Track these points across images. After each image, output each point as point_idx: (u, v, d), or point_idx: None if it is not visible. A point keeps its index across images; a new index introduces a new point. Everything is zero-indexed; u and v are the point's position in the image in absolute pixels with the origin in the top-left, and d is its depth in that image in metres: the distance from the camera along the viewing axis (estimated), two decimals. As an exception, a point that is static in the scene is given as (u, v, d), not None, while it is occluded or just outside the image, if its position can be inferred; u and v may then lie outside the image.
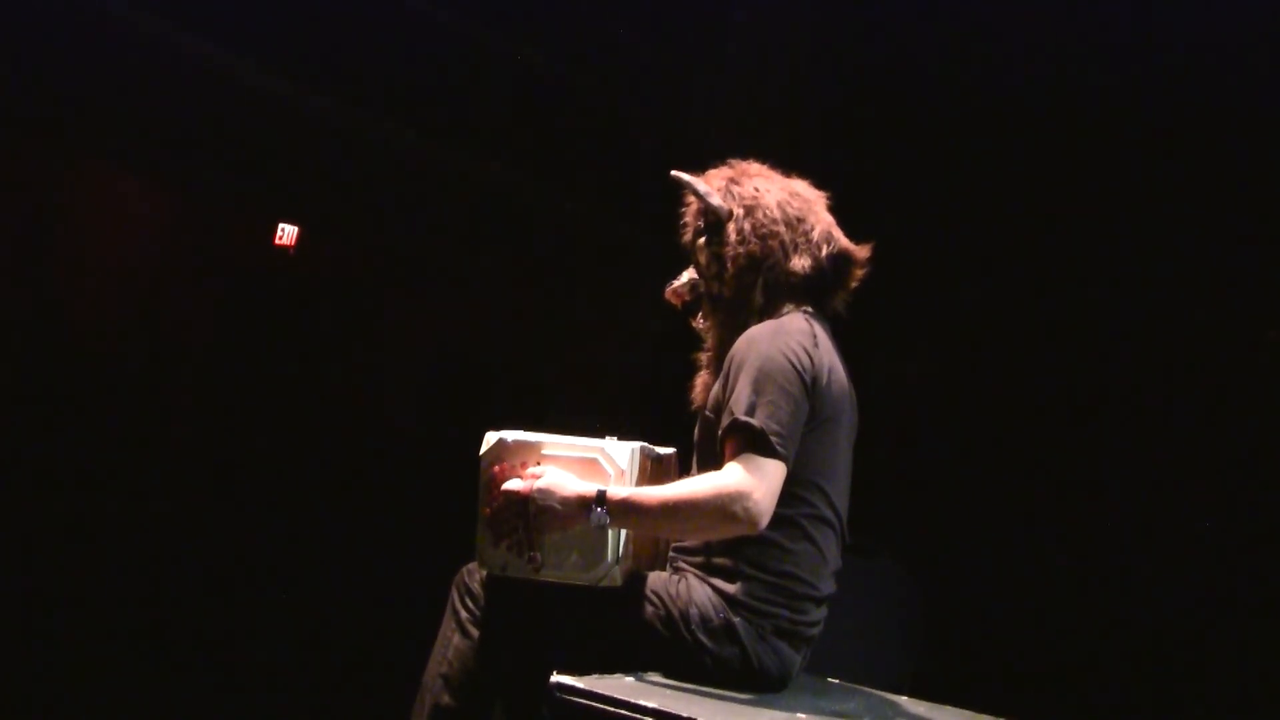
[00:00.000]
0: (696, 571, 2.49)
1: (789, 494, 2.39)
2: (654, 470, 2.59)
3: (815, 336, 2.49)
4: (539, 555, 2.44)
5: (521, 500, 2.42)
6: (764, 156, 2.74)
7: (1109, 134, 4.33)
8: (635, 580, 2.49)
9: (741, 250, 2.57)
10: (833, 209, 2.66)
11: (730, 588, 2.44)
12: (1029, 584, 4.35)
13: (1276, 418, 4.12)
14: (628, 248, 5.14)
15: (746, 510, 2.30)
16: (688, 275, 2.72)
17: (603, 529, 2.40)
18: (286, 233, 4.99)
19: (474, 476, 2.54)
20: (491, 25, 4.81)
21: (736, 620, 2.42)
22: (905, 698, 2.66)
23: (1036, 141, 4.43)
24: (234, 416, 4.91)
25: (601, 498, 2.37)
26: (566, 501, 2.40)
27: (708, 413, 2.53)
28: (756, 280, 2.57)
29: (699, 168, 2.70)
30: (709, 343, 2.67)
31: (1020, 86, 4.44)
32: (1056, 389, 4.50)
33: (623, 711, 2.12)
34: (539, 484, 2.42)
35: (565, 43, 4.91)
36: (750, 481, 2.31)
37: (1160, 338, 4.30)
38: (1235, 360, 4.24)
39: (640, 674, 2.35)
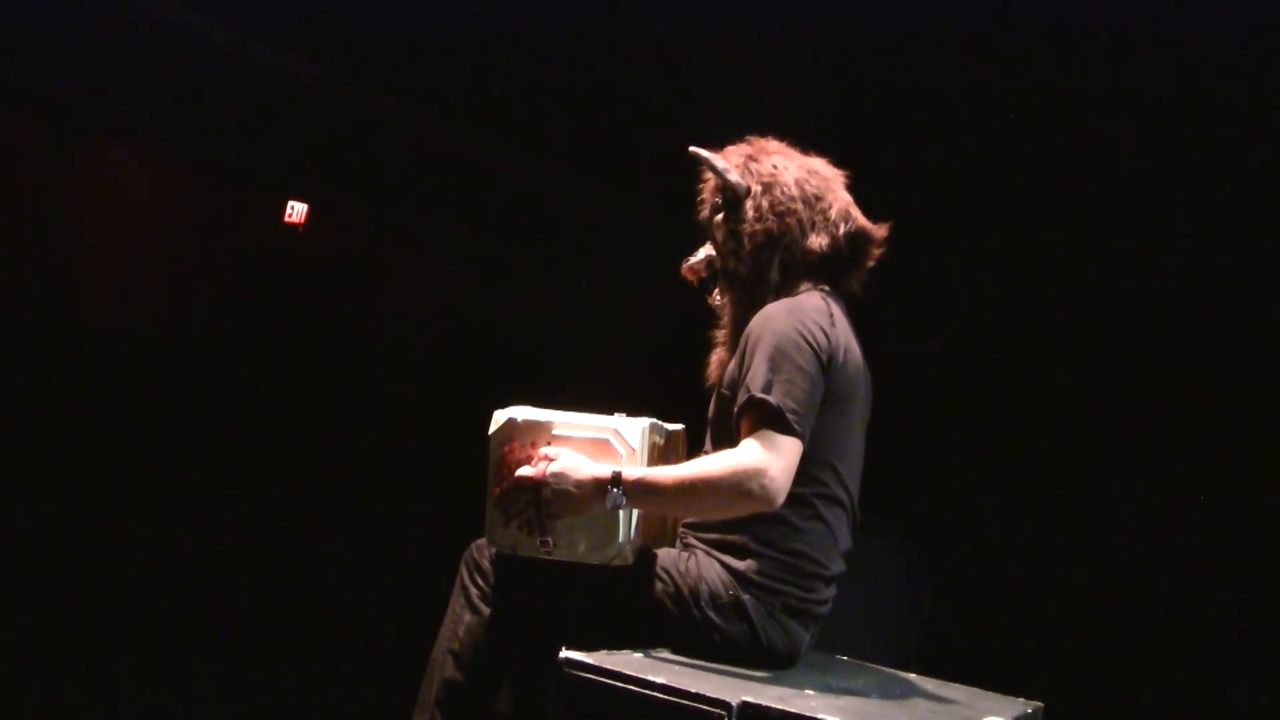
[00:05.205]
0: (706, 549, 2.49)
1: (802, 472, 2.38)
2: (663, 447, 2.58)
3: (832, 315, 2.49)
4: (551, 539, 2.44)
5: (534, 485, 2.42)
6: (772, 134, 2.72)
7: (1123, 116, 4.32)
8: (645, 557, 2.50)
9: (759, 227, 2.56)
10: (850, 187, 2.65)
11: (740, 565, 2.44)
12: (1037, 562, 4.36)
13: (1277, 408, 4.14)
14: (636, 225, 5.13)
15: (763, 487, 2.29)
16: (704, 251, 2.71)
17: (616, 510, 2.40)
18: (296, 210, 4.99)
19: (483, 453, 2.53)
20: (502, 6, 4.80)
21: (746, 598, 2.42)
22: (913, 675, 2.66)
23: (1049, 121, 4.42)
24: (242, 393, 4.92)
25: (617, 479, 2.37)
26: (582, 485, 2.39)
27: (723, 389, 2.52)
28: (773, 258, 2.56)
29: (710, 146, 2.68)
30: (725, 319, 2.65)
31: (1032, 66, 4.42)
32: (1071, 371, 4.49)
33: (631, 687, 2.12)
34: (553, 468, 2.41)
35: (577, 23, 4.90)
36: (767, 458, 2.31)
37: (1174, 323, 4.29)
38: (1239, 351, 4.23)
39: (649, 650, 2.35)
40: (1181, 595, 4.19)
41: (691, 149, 2.66)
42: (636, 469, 2.41)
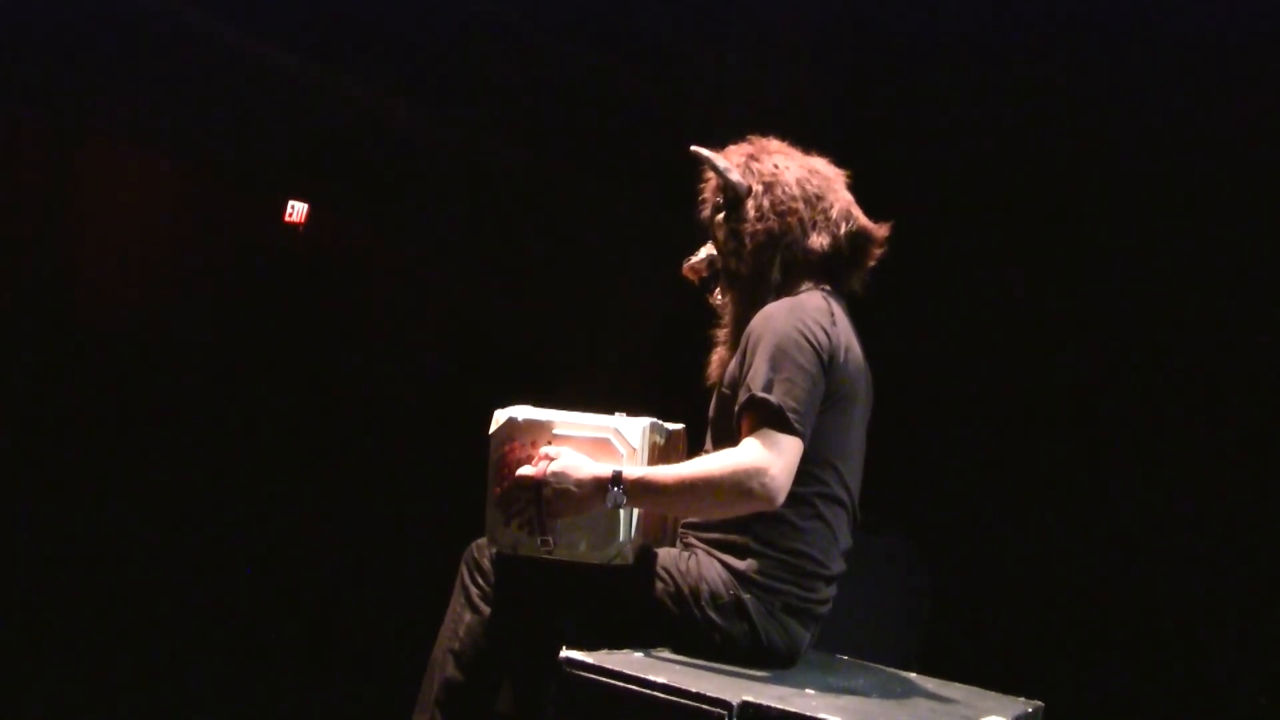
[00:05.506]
0: (707, 548, 2.49)
1: (802, 472, 2.38)
2: (663, 447, 2.58)
3: (833, 314, 2.49)
4: (551, 539, 2.44)
5: (535, 485, 2.42)
6: (773, 133, 2.72)
7: (1124, 115, 4.32)
8: (645, 556, 2.50)
9: (760, 227, 2.55)
10: (851, 187, 2.65)
11: (740, 564, 2.44)
12: (1037, 562, 4.36)
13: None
14: (635, 225, 5.13)
15: (764, 486, 2.29)
16: (705, 251, 2.71)
17: (617, 509, 2.40)
18: (296, 210, 5.00)
19: (483, 453, 2.53)
20: (502, 6, 4.80)
21: (746, 597, 2.42)
22: (913, 674, 2.66)
23: (1050, 120, 4.41)
24: (242, 393, 4.92)
25: (618, 478, 2.37)
26: (582, 484, 2.39)
27: (724, 389, 2.52)
28: (775, 257, 2.56)
29: (711, 145, 2.68)
30: (726, 319, 2.65)
31: (1033, 64, 4.42)
32: (1071, 370, 4.49)
33: (632, 687, 2.12)
34: (553, 468, 2.41)
35: (577, 23, 4.90)
36: (767, 458, 2.30)
37: (1174, 322, 4.29)
38: (1239, 351, 4.23)
39: (649, 650, 2.35)
40: (1181, 595, 4.19)
41: (692, 148, 2.66)
42: (637, 468, 2.41)
